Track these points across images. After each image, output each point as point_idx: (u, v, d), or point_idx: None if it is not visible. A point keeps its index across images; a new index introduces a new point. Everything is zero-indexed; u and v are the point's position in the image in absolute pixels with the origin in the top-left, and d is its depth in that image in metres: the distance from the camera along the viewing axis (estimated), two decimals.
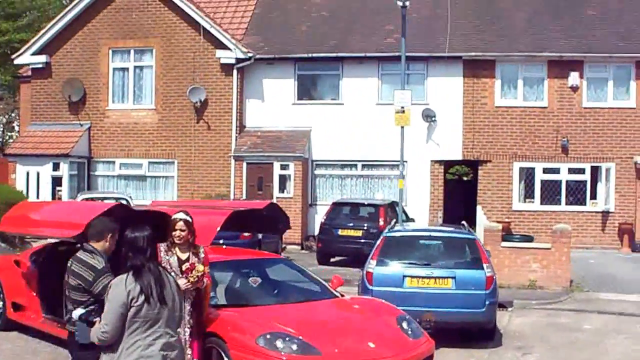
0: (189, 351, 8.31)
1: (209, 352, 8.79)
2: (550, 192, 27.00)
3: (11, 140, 43.91)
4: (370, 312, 9.95)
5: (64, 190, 27.37)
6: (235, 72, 27.49)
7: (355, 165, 27.80)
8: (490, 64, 26.97)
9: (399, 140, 26.19)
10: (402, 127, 22.31)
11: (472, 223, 24.28)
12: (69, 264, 7.06)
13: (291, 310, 9.48)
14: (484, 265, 12.41)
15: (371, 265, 12.54)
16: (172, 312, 6.00)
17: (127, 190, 27.64)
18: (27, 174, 27.65)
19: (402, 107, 21.79)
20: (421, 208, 26.54)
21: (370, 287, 12.22)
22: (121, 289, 5.85)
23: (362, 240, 21.52)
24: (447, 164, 28.42)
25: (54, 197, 26.96)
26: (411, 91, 22.91)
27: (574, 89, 26.70)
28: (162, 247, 8.28)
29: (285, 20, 29.77)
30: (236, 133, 27.49)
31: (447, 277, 12.26)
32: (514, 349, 12.33)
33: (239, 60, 27.39)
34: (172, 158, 28.05)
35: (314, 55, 27.56)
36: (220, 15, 29.93)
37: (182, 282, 8.00)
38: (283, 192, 26.61)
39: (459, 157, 27.43)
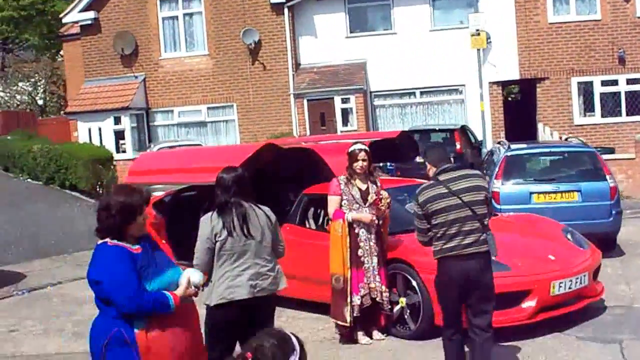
0: (377, 278, 8.62)
1: (392, 278, 9.07)
2: (610, 105, 27.17)
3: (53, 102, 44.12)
4: (535, 226, 10.19)
5: (127, 143, 27.62)
6: (286, 10, 27.48)
7: (414, 93, 27.95)
8: None
9: (454, 66, 26.69)
10: (478, 50, 22.58)
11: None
12: (463, 183, 6.97)
13: None
14: (607, 177, 12.80)
15: (496, 184, 12.82)
16: (260, 244, 6.48)
17: (188, 137, 27.87)
18: (89, 130, 27.88)
19: (477, 30, 22.17)
20: (482, 130, 26.78)
21: (499, 206, 12.49)
22: (206, 225, 6.46)
23: None
24: (505, 85, 28.49)
25: (118, 151, 27.19)
26: (485, 13, 23.12)
27: (627, 0, 26.74)
28: (342, 179, 8.55)
29: None
30: (292, 71, 27.60)
31: (573, 191, 12.63)
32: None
33: None
34: (231, 102, 28.20)
35: None
36: None
37: (367, 215, 8.50)
38: (346, 125, 26.82)
39: (516, 77, 27.51)
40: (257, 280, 6.44)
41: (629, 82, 27.00)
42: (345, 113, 27.00)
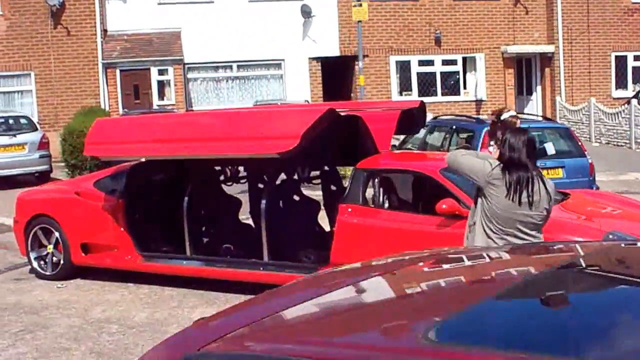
0: None
1: None
2: (426, 84, 27.38)
3: None
4: (617, 202, 9.36)
5: None
6: None
7: (230, 67, 26.51)
8: None
9: (274, 38, 25.56)
10: (359, 22, 22.27)
11: None
12: None
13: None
14: (585, 153, 12.67)
15: None
16: (530, 217, 6.06)
17: None
18: None
19: (359, 1, 21.73)
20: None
21: None
22: (486, 164, 6.17)
23: None
24: (325, 61, 27.74)
25: None
26: None
27: None
28: (493, 151, 7.35)
29: None
30: (101, 38, 25.13)
31: (558, 167, 12.38)
32: None
33: None
34: (28, 70, 25.15)
35: None
36: None
37: None
38: (163, 99, 24.93)
39: (337, 54, 26.93)
40: None
41: (444, 63, 27.34)
42: (162, 86, 25.08)
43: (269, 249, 8.96)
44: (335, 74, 26.97)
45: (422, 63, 27.26)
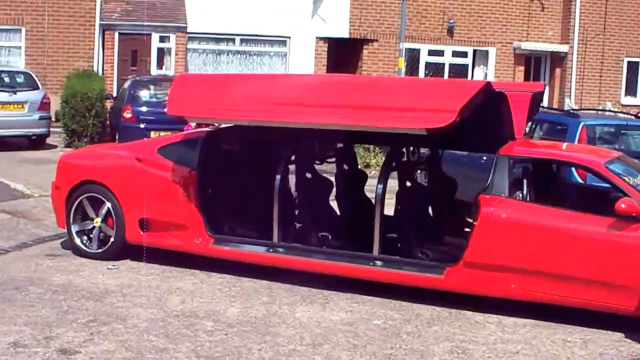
0: None
1: None
2: (434, 75, 26.26)
3: None
4: None
5: None
6: None
7: (233, 40, 25.03)
8: None
9: (281, 13, 24.25)
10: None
11: None
12: None
13: None
14: None
15: None
16: None
17: None
18: None
19: None
20: None
21: None
22: None
23: None
24: (333, 42, 26.36)
25: None
26: None
27: None
28: None
29: None
30: None
31: None
32: None
33: None
34: (19, 25, 23.38)
35: None
36: None
37: None
38: (161, 67, 23.41)
39: (346, 35, 25.62)
40: None
41: (455, 54, 26.27)
42: (161, 53, 23.54)
43: (381, 241, 7.68)
44: (341, 56, 25.68)
45: (432, 53, 26.12)
